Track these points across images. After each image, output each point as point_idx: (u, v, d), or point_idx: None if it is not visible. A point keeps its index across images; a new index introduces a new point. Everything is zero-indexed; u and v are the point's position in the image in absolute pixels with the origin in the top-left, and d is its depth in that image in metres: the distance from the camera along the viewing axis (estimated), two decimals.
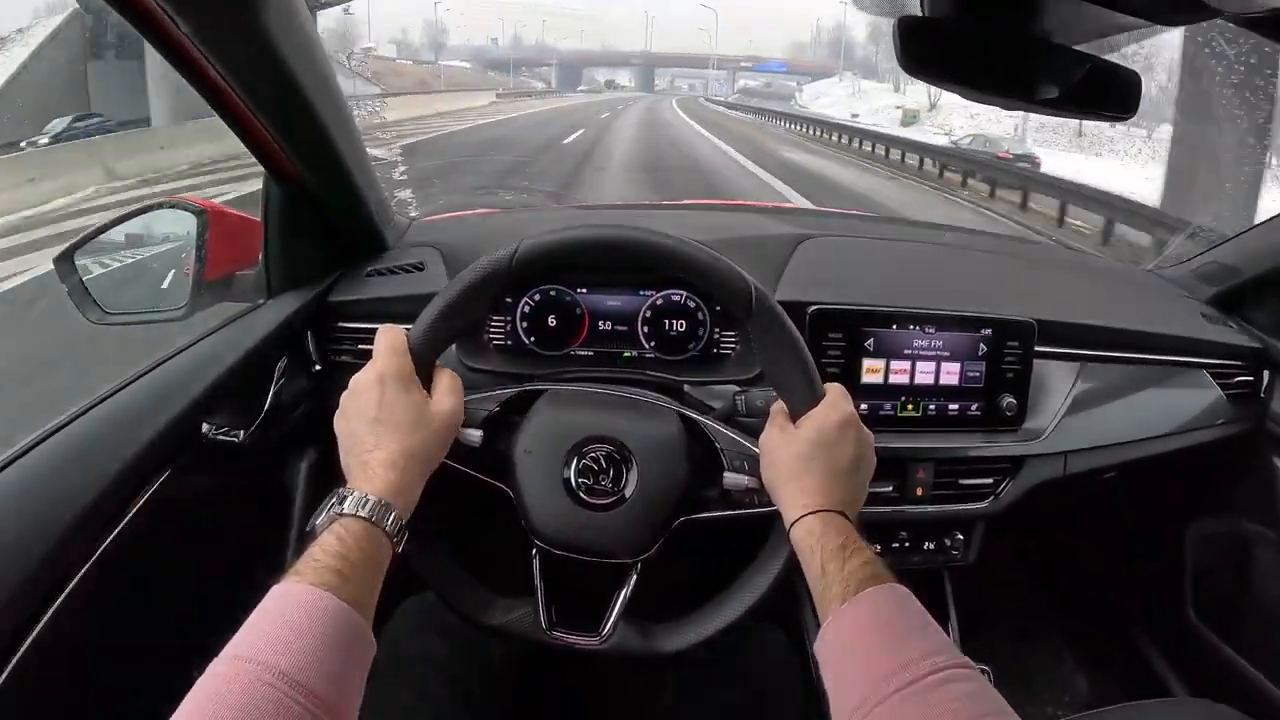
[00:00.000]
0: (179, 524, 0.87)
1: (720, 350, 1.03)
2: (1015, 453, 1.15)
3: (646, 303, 1.03)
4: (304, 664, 0.53)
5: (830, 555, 0.69)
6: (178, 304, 1.05)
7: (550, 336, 1.03)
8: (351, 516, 0.65)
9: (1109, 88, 0.70)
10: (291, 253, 1.09)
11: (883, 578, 0.66)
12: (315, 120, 0.92)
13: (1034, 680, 1.63)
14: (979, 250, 1.39)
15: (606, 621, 0.86)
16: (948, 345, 1.10)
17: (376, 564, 0.65)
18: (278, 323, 1.03)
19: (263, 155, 0.98)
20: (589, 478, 0.84)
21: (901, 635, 0.61)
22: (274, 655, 0.53)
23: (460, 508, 0.86)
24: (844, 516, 0.73)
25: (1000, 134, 22.34)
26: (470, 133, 21.64)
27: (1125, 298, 1.37)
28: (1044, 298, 1.23)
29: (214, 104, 0.86)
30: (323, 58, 0.90)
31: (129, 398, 0.85)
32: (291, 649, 0.53)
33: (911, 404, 1.11)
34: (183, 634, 0.92)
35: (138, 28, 0.72)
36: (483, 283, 0.81)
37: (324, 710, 0.52)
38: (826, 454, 0.76)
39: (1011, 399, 1.12)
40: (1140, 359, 1.26)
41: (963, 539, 1.18)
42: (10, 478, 0.72)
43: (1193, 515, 1.46)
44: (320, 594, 0.58)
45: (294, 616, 0.56)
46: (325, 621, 0.57)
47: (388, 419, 0.72)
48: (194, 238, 1.05)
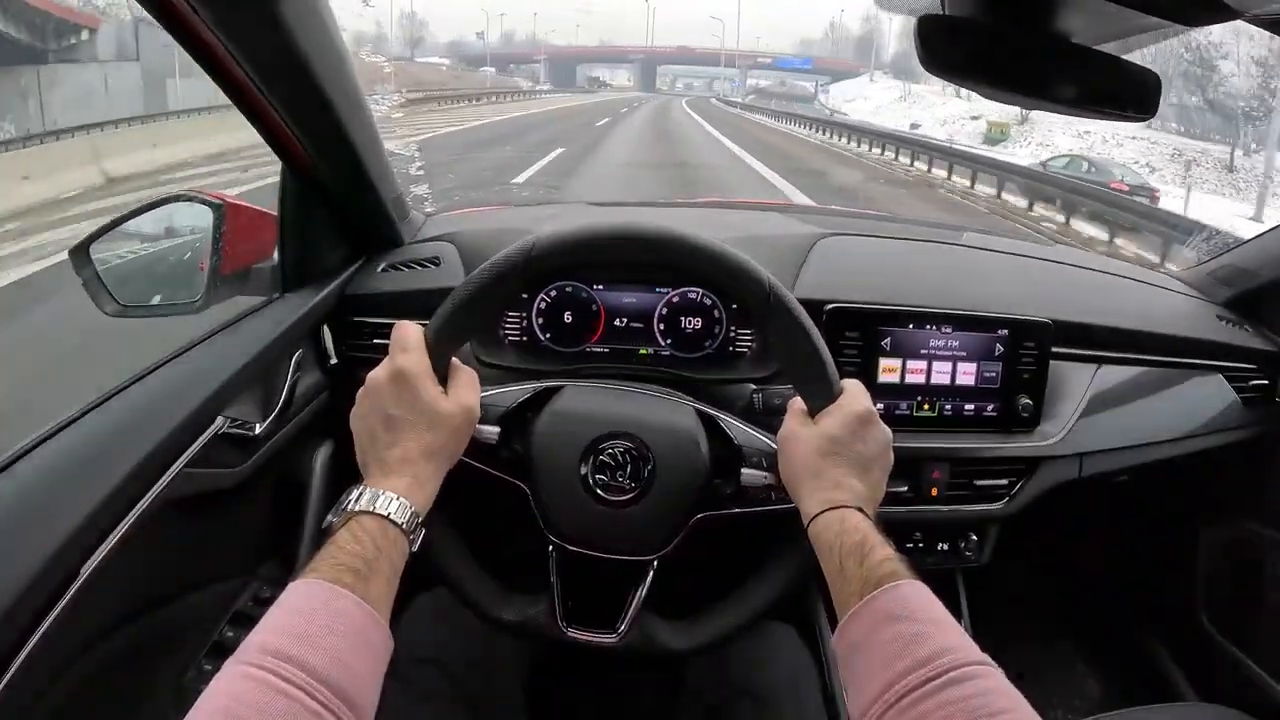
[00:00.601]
0: (194, 517, 0.88)
1: (736, 348, 1.03)
2: (1030, 454, 1.14)
3: (663, 300, 1.03)
4: (324, 661, 0.53)
5: (849, 551, 0.68)
6: (193, 297, 1.05)
7: (566, 333, 1.03)
8: (368, 514, 0.65)
9: (1128, 88, 0.69)
10: (307, 247, 1.10)
11: (901, 574, 0.66)
12: (332, 115, 0.93)
13: (1045, 683, 1.62)
14: (996, 251, 1.38)
15: (623, 619, 0.85)
16: (964, 345, 1.10)
17: (393, 561, 0.65)
18: (294, 317, 1.03)
19: (280, 149, 0.98)
20: (606, 474, 0.84)
21: (920, 631, 0.61)
22: (291, 652, 0.53)
23: (476, 504, 0.86)
24: (862, 513, 0.73)
25: (1110, 158, 17.54)
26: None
27: (1141, 299, 1.36)
28: (1060, 299, 1.22)
29: (233, 97, 0.87)
30: (341, 52, 0.91)
31: (145, 390, 0.85)
32: (309, 646, 0.54)
33: (927, 404, 1.11)
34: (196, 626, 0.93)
35: (159, 20, 0.72)
36: (499, 278, 0.80)
37: (345, 707, 0.52)
38: (845, 450, 0.76)
39: (1027, 400, 1.12)
40: (1156, 361, 1.25)
41: (977, 540, 1.17)
42: (27, 467, 0.72)
43: (1207, 519, 1.45)
44: (338, 592, 0.58)
45: (313, 614, 0.56)
46: (344, 619, 0.57)
47: (404, 416, 0.71)
48: (210, 231, 1.06)
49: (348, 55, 0.92)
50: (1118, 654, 1.66)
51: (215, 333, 0.97)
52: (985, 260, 1.36)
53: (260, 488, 0.99)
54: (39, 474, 0.73)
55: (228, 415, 0.89)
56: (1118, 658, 1.66)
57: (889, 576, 0.65)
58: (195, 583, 0.93)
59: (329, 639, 0.55)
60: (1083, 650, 1.70)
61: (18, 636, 0.64)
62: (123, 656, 0.80)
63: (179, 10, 0.72)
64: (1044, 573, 1.81)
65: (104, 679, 0.77)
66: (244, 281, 1.09)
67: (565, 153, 15.41)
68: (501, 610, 0.86)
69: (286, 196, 1.06)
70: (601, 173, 13.36)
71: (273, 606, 0.57)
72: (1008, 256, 1.38)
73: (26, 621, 0.65)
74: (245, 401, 0.96)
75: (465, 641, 1.02)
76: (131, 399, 0.84)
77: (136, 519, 0.75)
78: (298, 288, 1.09)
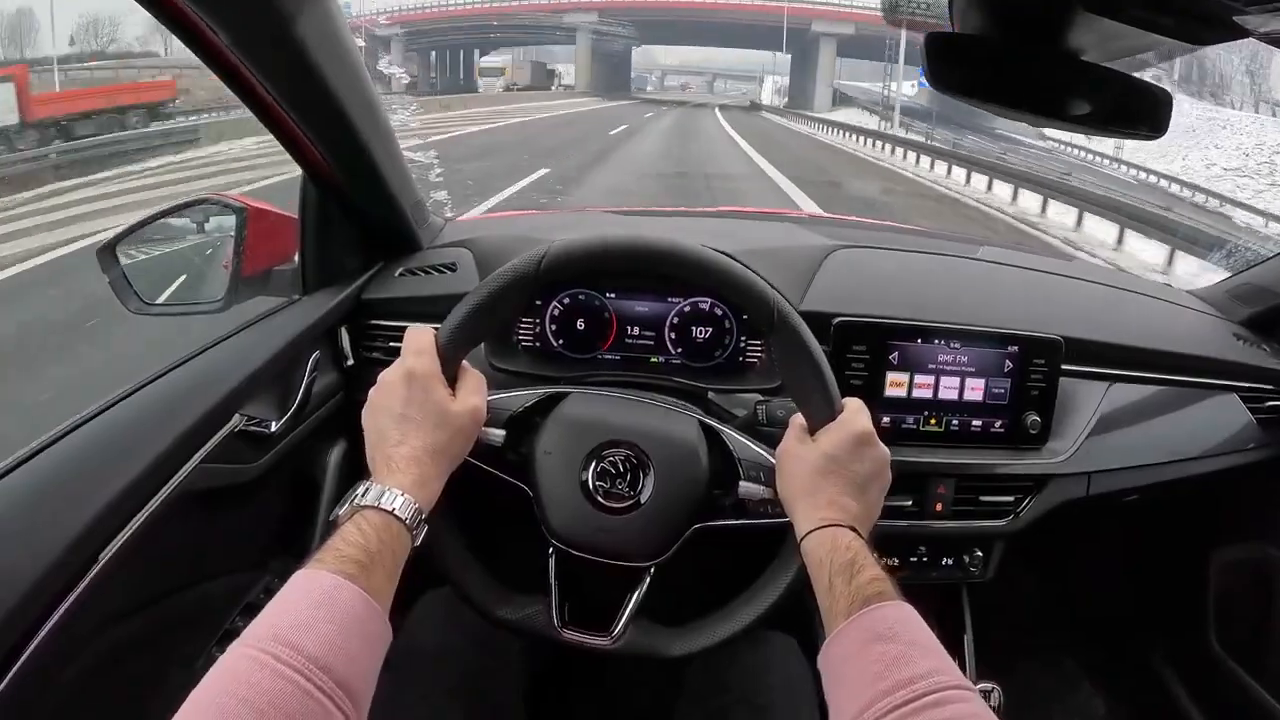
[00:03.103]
0: (209, 511, 0.89)
1: (746, 359, 1.04)
2: (1038, 471, 1.14)
3: (674, 309, 1.04)
4: (321, 647, 0.55)
5: (838, 570, 0.69)
6: (216, 297, 1.08)
7: (579, 339, 1.04)
8: (373, 509, 0.67)
9: (1139, 106, 0.70)
10: (327, 251, 1.12)
11: (889, 595, 0.66)
12: (350, 123, 0.95)
13: (1050, 702, 1.61)
14: (1009, 265, 1.38)
15: (618, 622, 0.87)
16: (973, 360, 1.10)
17: (395, 556, 0.67)
18: (312, 318, 1.05)
19: (299, 157, 1.01)
20: (607, 481, 0.86)
21: (903, 653, 0.61)
22: (293, 637, 0.55)
23: (480, 505, 0.88)
24: (855, 532, 0.73)
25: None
26: None
27: (1156, 317, 1.35)
28: (1073, 315, 1.22)
29: (252, 108, 0.89)
30: (357, 62, 0.93)
31: (166, 386, 0.88)
32: (310, 632, 0.55)
33: (934, 419, 1.11)
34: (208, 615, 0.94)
35: (175, 32, 0.74)
36: (509, 287, 0.82)
37: (340, 691, 0.54)
38: (841, 469, 0.76)
39: (1036, 417, 1.12)
40: (1169, 380, 1.24)
41: (982, 556, 1.17)
42: (45, 461, 0.75)
43: (1218, 541, 1.43)
44: (340, 581, 0.60)
45: (314, 601, 0.58)
46: (344, 608, 0.58)
47: (413, 415, 0.73)
48: (233, 233, 1.08)
49: (362, 67, 0.94)
50: (1125, 674, 1.65)
51: (236, 332, 1.00)
52: (998, 275, 1.36)
53: (275, 484, 1.01)
54: (60, 465, 0.75)
55: (245, 413, 0.91)
56: (1125, 678, 1.64)
57: (876, 596, 0.66)
58: (209, 574, 0.94)
59: (328, 627, 0.56)
60: (1089, 669, 1.69)
61: (36, 618, 0.66)
62: (136, 641, 0.82)
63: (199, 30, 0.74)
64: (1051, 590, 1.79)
65: (118, 662, 0.79)
66: (265, 283, 1.13)
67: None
68: (500, 608, 0.88)
69: (307, 202, 1.09)
70: None
71: (278, 594, 0.59)
72: (1022, 271, 1.38)
73: (45, 604, 0.67)
74: (263, 400, 0.98)
75: (467, 641, 1.04)
76: (153, 395, 0.86)
77: (154, 511, 0.77)
78: (317, 290, 1.11)
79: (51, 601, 0.67)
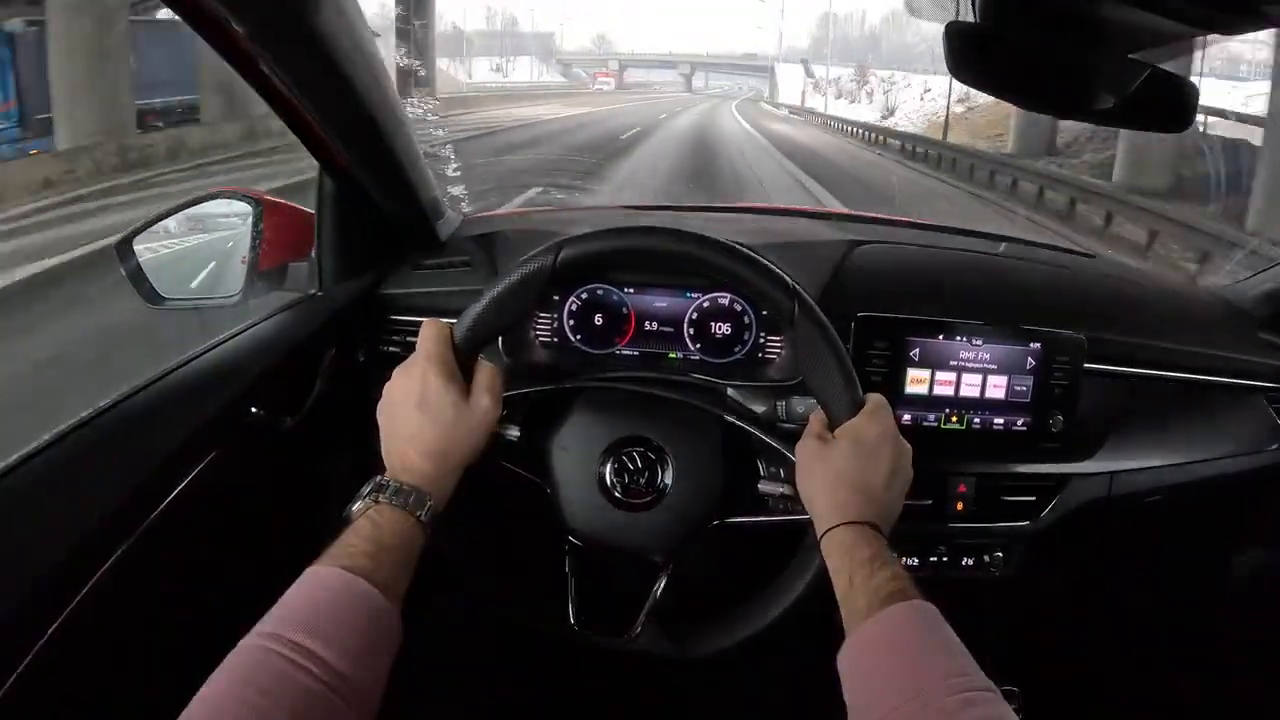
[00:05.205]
0: (223, 505, 0.90)
1: (765, 355, 1.03)
2: (1060, 471, 1.12)
3: (693, 304, 1.03)
4: (328, 643, 0.55)
5: (858, 567, 0.68)
6: (232, 291, 1.08)
7: (596, 335, 1.03)
8: (386, 504, 0.67)
9: (1164, 99, 0.68)
10: (344, 245, 1.12)
11: (910, 594, 0.65)
12: (367, 120, 0.94)
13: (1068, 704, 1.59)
14: (1033, 262, 1.36)
15: (636, 622, 0.86)
16: (995, 358, 1.08)
17: (408, 551, 0.66)
18: (328, 313, 1.05)
19: (316, 151, 1.00)
20: (624, 477, 0.85)
21: (924, 654, 0.60)
22: (300, 633, 0.55)
23: (495, 501, 0.87)
24: (876, 529, 0.72)
25: None
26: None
27: (1180, 315, 1.33)
28: (1097, 313, 1.20)
29: (269, 101, 0.89)
30: (375, 55, 0.92)
31: (181, 379, 0.88)
32: (318, 629, 0.55)
33: (955, 417, 1.09)
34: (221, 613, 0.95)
35: (193, 26, 0.74)
36: (525, 282, 0.82)
37: (347, 688, 0.54)
38: (862, 466, 0.75)
39: (1059, 415, 1.10)
40: (1193, 380, 1.22)
41: (1002, 556, 1.15)
42: (59, 453, 0.75)
43: (1242, 544, 1.41)
44: (350, 577, 0.60)
45: (322, 597, 0.58)
46: (353, 603, 0.58)
47: (427, 411, 0.73)
48: (249, 227, 1.09)
49: (381, 61, 0.94)
50: (1143, 679, 1.62)
51: (250, 326, 1.00)
52: (1021, 271, 1.34)
53: (287, 478, 1.01)
54: (74, 457, 0.75)
55: (260, 406, 0.91)
56: (1143, 683, 1.62)
57: (896, 596, 0.65)
58: (221, 567, 0.95)
59: (338, 623, 0.56)
60: (1107, 673, 1.67)
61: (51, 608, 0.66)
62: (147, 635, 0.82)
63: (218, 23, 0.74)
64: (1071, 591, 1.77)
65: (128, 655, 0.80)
66: (282, 277, 1.13)
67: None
68: (515, 607, 0.88)
69: (324, 196, 1.09)
70: None
71: (289, 589, 0.59)
72: (1046, 268, 1.36)
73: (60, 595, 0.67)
74: (277, 393, 0.98)
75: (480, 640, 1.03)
76: (168, 386, 0.87)
77: (166, 505, 0.77)
78: (333, 285, 1.11)
79: (66, 593, 0.67)
